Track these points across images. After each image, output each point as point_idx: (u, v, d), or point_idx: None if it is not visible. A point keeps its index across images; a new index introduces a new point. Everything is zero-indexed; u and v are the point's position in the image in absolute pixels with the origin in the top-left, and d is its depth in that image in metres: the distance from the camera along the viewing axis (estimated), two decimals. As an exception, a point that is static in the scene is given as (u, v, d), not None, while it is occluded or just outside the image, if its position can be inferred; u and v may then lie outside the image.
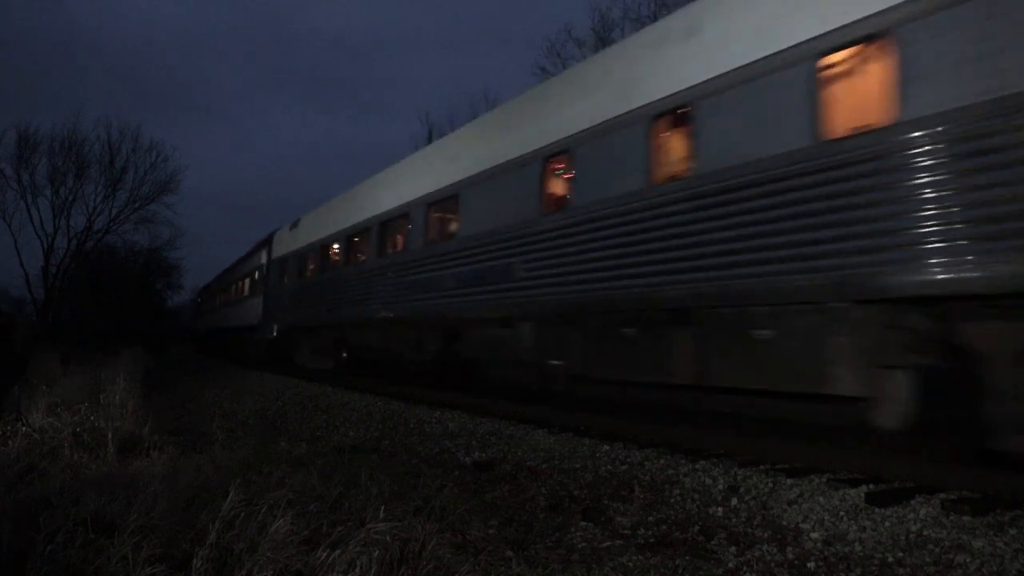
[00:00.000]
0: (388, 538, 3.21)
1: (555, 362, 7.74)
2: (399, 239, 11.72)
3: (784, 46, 5.38)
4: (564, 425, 7.52)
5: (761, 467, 5.29)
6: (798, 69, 5.26)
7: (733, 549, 3.71)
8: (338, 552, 3.00)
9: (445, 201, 10.00)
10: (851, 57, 5.19)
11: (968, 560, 3.37)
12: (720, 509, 4.41)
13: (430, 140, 30.99)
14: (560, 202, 7.78)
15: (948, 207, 4.32)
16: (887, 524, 3.90)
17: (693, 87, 6.09)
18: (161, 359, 26.15)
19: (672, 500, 4.67)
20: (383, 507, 3.54)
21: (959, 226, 4.26)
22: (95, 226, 34.15)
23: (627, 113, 6.79)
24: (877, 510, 4.10)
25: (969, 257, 4.19)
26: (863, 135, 4.85)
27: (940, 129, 4.39)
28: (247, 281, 23.44)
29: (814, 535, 3.86)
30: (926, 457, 5.26)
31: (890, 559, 3.48)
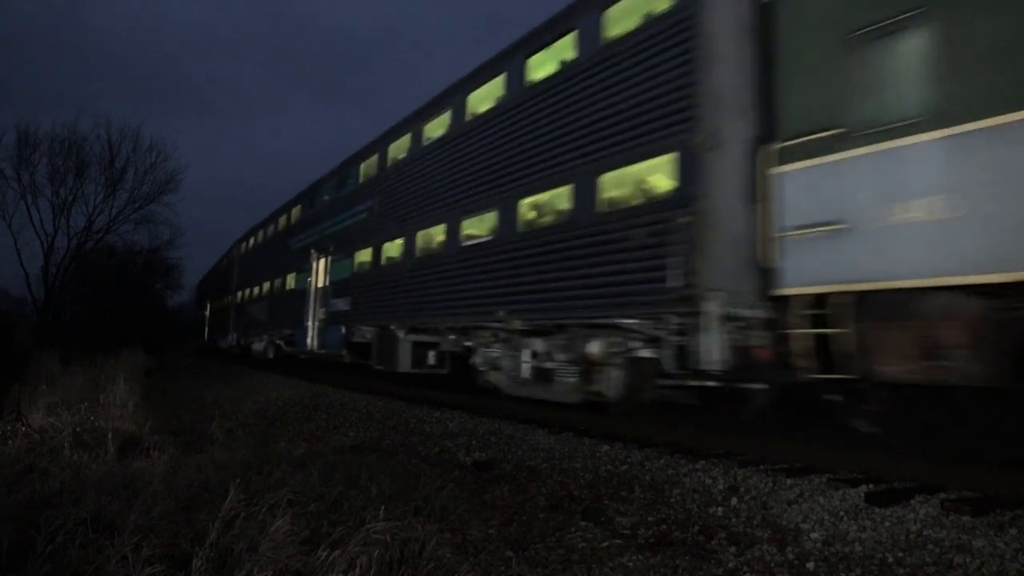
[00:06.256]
0: (388, 538, 3.22)
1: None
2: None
3: None
4: (564, 425, 7.52)
5: (761, 467, 5.29)
6: None
7: (733, 549, 3.71)
8: (338, 552, 3.00)
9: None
10: None
11: (968, 560, 3.37)
12: (720, 509, 4.41)
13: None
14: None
15: None
16: (887, 524, 3.90)
17: None
18: (161, 359, 26.15)
19: (672, 500, 4.67)
20: (383, 507, 3.54)
21: None
22: (95, 226, 34.04)
23: None
24: (877, 510, 4.10)
25: None
26: None
27: None
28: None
29: (814, 535, 3.86)
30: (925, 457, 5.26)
31: (890, 559, 3.48)
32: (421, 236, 11.10)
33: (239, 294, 24.31)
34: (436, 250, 10.63)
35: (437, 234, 10.68)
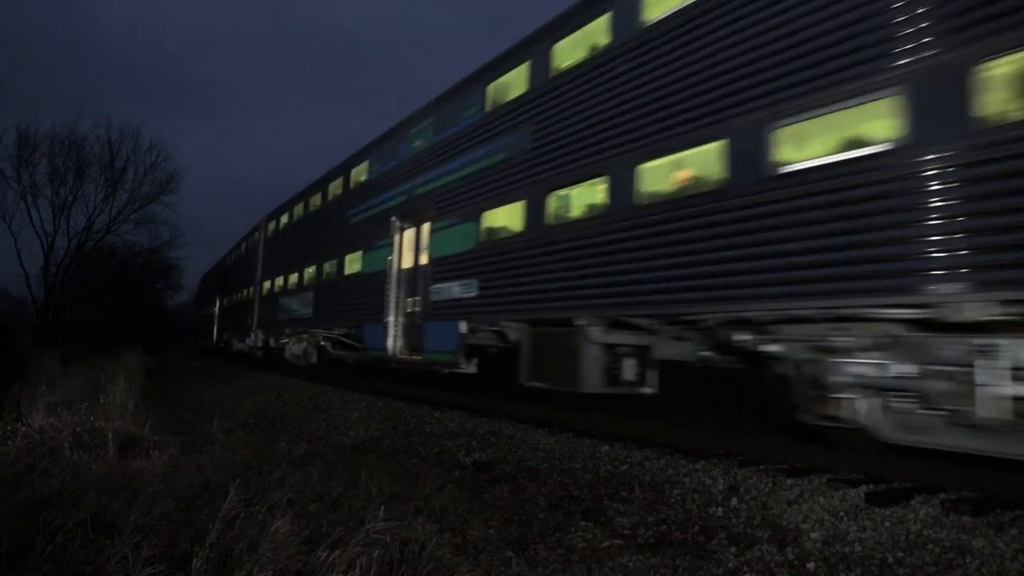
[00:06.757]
0: (388, 538, 3.22)
1: None
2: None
3: None
4: (564, 425, 7.52)
5: (761, 467, 5.28)
6: None
7: (733, 549, 3.71)
8: (338, 552, 3.00)
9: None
10: None
11: (968, 560, 3.37)
12: (720, 509, 4.41)
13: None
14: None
15: None
16: (887, 524, 3.90)
17: None
18: (161, 359, 26.17)
19: (672, 500, 4.67)
20: (383, 507, 3.54)
21: None
22: (95, 226, 34.09)
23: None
24: (877, 510, 4.10)
25: None
26: None
27: None
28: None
29: (814, 535, 3.86)
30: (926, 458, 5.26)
31: (890, 559, 3.48)
32: (649, 172, 6.79)
33: (266, 284, 20.28)
34: (697, 190, 6.22)
35: (700, 162, 6.31)
